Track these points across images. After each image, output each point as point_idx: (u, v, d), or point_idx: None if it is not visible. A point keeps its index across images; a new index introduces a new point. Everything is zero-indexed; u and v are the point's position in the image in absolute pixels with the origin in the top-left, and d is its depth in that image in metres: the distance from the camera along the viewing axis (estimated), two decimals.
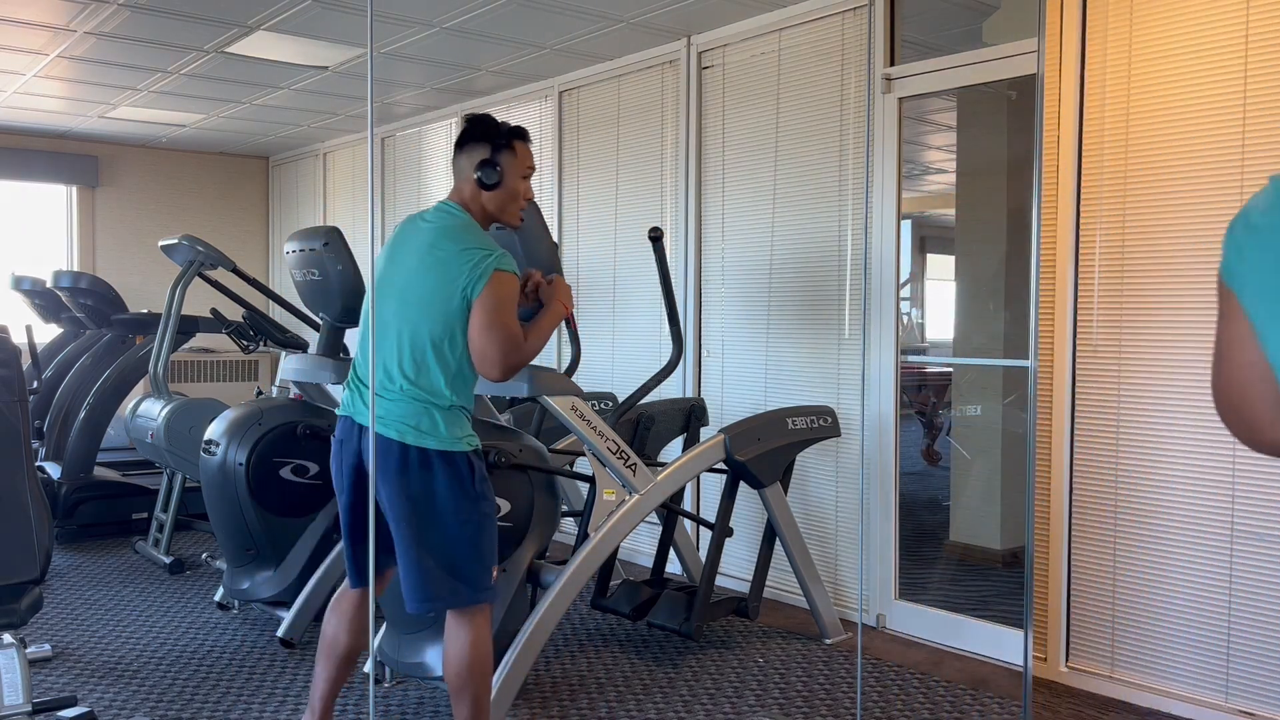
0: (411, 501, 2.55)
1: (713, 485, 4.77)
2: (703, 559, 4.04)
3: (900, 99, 4.16)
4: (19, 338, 5.97)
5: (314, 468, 4.15)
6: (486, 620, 2.67)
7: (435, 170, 6.90)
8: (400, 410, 2.56)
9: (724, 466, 3.87)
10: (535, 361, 3.04)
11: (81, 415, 5.86)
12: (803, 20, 4.50)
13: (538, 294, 2.85)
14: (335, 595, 2.86)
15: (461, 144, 2.73)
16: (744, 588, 4.23)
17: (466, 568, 2.59)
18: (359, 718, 3.28)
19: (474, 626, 2.64)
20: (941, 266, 7.98)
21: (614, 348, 5.49)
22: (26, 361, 4.80)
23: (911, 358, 6.88)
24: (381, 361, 2.60)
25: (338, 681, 2.80)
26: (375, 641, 2.52)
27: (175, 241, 5.07)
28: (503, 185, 2.67)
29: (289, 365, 4.06)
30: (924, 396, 7.29)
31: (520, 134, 2.74)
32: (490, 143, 2.68)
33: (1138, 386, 3.45)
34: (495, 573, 2.66)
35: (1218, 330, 1.16)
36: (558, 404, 3.27)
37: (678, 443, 4.45)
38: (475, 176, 2.67)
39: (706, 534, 4.71)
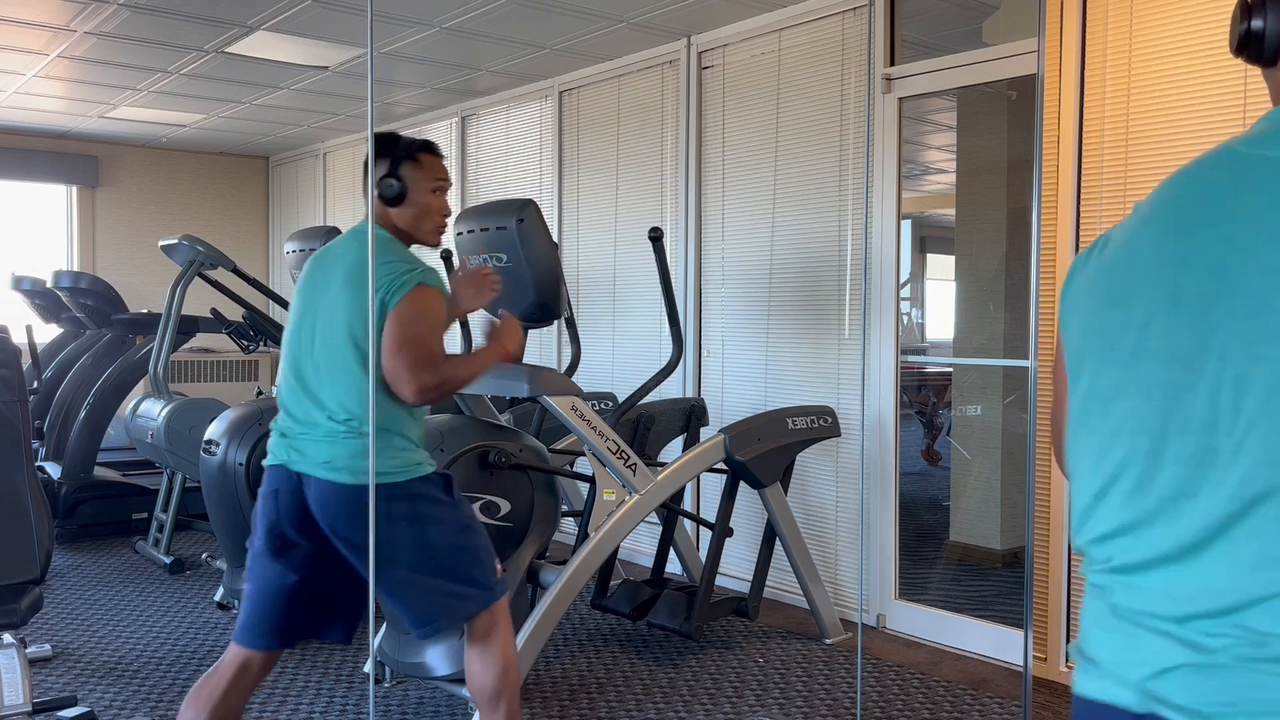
0: (378, 543, 2.29)
1: (713, 485, 4.77)
2: (703, 559, 4.04)
3: (900, 99, 4.16)
4: (19, 338, 5.97)
5: None
6: (506, 621, 2.53)
7: None
8: (337, 449, 2.35)
9: (724, 466, 3.87)
10: (535, 362, 3.04)
11: (81, 415, 5.86)
12: (803, 20, 4.50)
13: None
14: (196, 686, 2.44)
15: (365, 165, 2.55)
16: (744, 588, 4.23)
17: (464, 576, 2.45)
18: (359, 718, 3.28)
19: (494, 633, 2.49)
20: (941, 266, 7.97)
21: (614, 348, 5.49)
22: (26, 361, 4.80)
23: (911, 358, 6.88)
24: (309, 398, 2.40)
25: None
26: (375, 641, 2.49)
27: (175, 241, 5.07)
28: (408, 200, 2.51)
29: None
30: (924, 396, 7.28)
31: (425, 146, 2.59)
32: (390, 156, 2.54)
33: None
34: (499, 568, 2.53)
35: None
36: (558, 404, 3.27)
37: (678, 443, 4.45)
38: (377, 193, 2.52)
39: (706, 534, 4.71)
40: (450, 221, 2.66)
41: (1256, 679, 0.88)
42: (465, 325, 4.43)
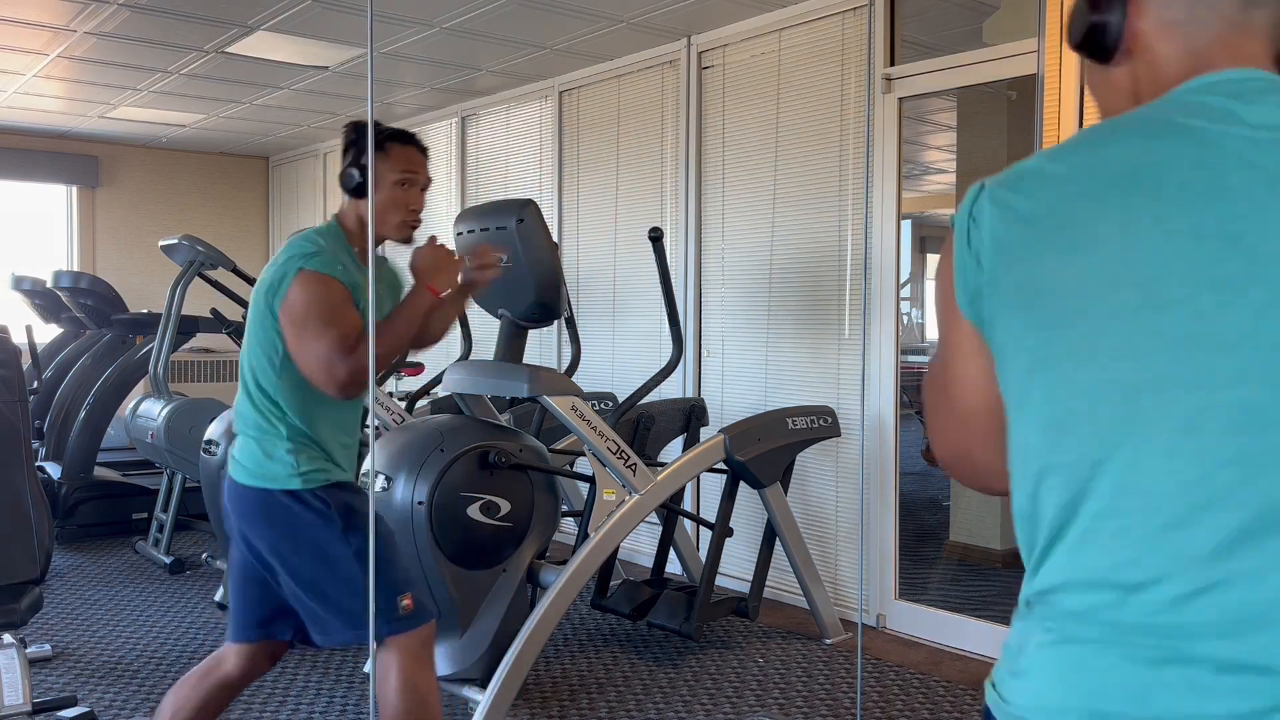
0: (271, 548, 2.29)
1: (713, 485, 4.77)
2: (703, 559, 4.04)
3: (900, 99, 4.16)
4: (19, 338, 5.99)
5: None
6: (417, 653, 2.32)
7: (435, 171, 6.89)
8: (245, 450, 2.32)
9: (724, 466, 3.87)
10: (535, 362, 3.04)
11: (81, 415, 5.86)
12: (803, 20, 4.50)
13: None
14: (180, 680, 2.45)
15: (342, 153, 2.46)
16: (744, 588, 4.23)
17: (348, 598, 2.26)
18: (359, 718, 3.28)
19: (399, 663, 2.30)
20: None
21: (614, 348, 5.49)
22: (26, 361, 4.80)
23: (911, 358, 6.88)
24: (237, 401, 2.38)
25: None
26: (376, 641, 2.48)
27: (175, 241, 5.07)
28: (374, 192, 2.33)
29: None
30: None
31: (396, 136, 2.45)
32: (357, 146, 2.42)
33: None
34: (405, 602, 2.30)
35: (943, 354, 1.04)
36: (558, 404, 3.27)
37: (678, 443, 4.45)
38: (339, 184, 2.41)
39: (706, 534, 4.71)
40: (451, 221, 2.59)
41: None
42: (465, 324, 4.43)
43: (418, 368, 5.42)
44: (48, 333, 7.01)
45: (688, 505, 4.95)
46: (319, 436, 2.33)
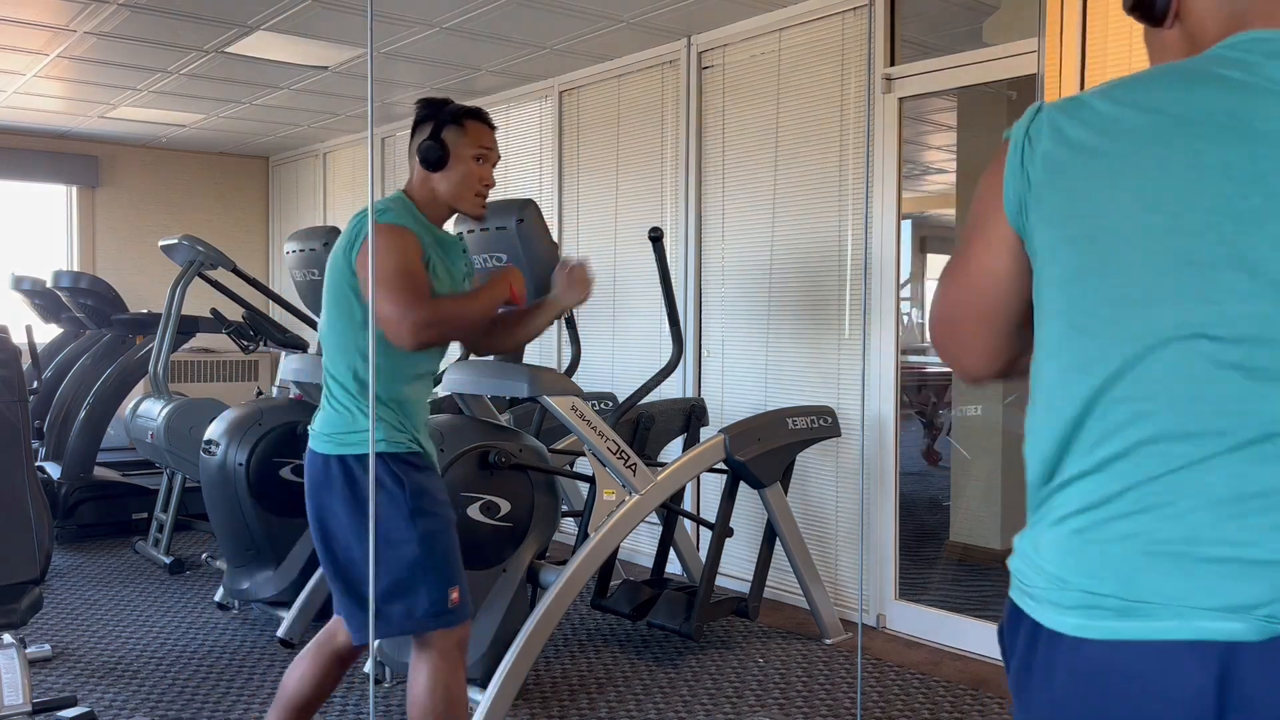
0: (338, 517, 2.31)
1: (713, 485, 4.77)
2: (703, 559, 4.04)
3: (900, 99, 4.16)
4: (19, 338, 5.98)
5: None
6: (452, 654, 2.34)
7: None
8: (324, 419, 2.36)
9: (724, 466, 3.87)
10: (535, 362, 3.04)
11: (81, 415, 5.86)
12: (803, 20, 4.50)
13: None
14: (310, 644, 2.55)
15: (412, 129, 2.51)
16: (744, 588, 4.23)
17: (402, 588, 2.29)
18: (359, 718, 3.28)
19: (432, 662, 2.32)
20: (941, 266, 7.97)
21: (614, 348, 5.49)
22: (26, 361, 4.80)
23: (912, 358, 6.88)
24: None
25: None
26: (375, 641, 2.49)
27: (175, 241, 5.07)
28: (450, 166, 2.42)
29: (289, 365, 4.06)
30: (924, 396, 7.28)
31: (472, 113, 2.49)
32: (435, 119, 2.45)
33: None
34: (454, 595, 2.33)
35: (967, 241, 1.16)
36: (558, 404, 3.27)
37: (678, 443, 4.45)
38: (418, 158, 2.44)
39: (706, 534, 4.71)
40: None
41: None
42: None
43: None
44: (48, 333, 7.01)
45: (688, 505, 4.95)
46: (401, 403, 2.36)
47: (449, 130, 2.44)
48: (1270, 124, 0.97)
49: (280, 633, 3.86)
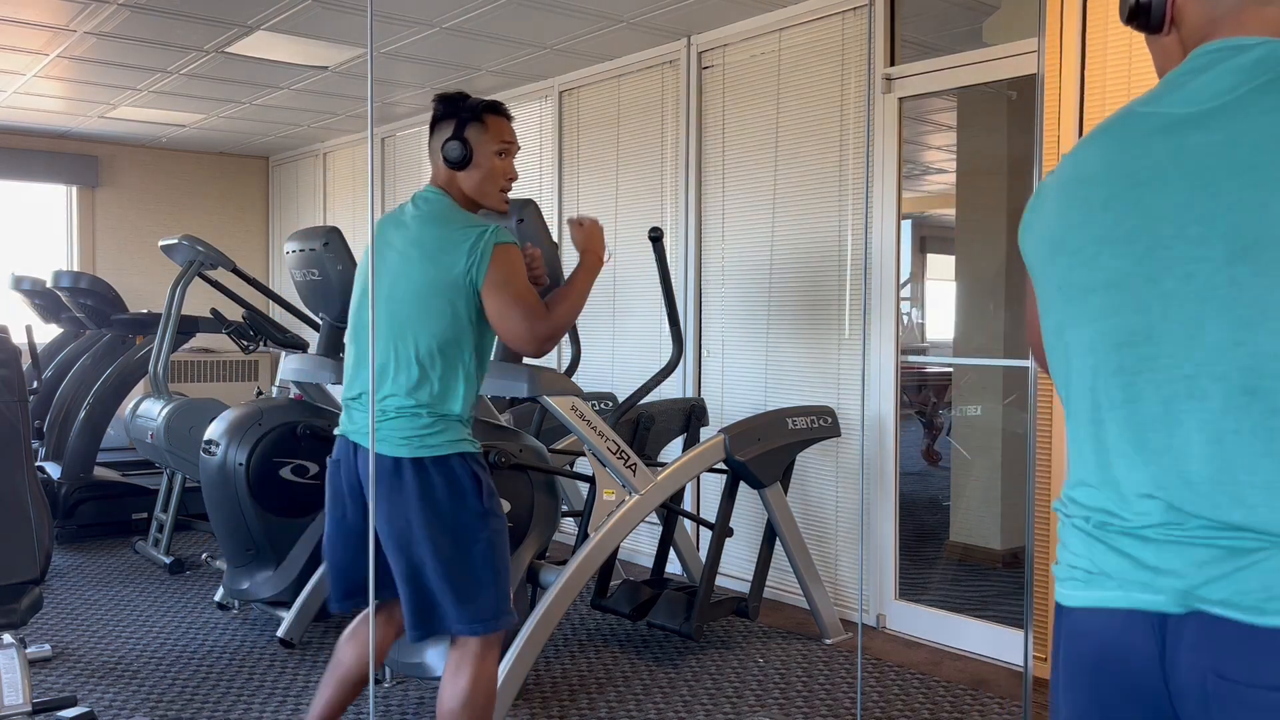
0: (408, 519, 2.32)
1: (713, 485, 4.77)
2: (703, 559, 4.05)
3: (900, 99, 4.16)
4: (19, 338, 5.99)
5: (314, 468, 4.15)
6: (493, 656, 2.40)
7: None
8: (396, 424, 2.34)
9: (724, 466, 3.87)
10: (535, 362, 3.04)
11: (81, 415, 5.86)
12: (803, 20, 4.50)
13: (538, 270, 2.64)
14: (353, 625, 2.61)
15: (432, 126, 2.52)
16: (744, 588, 4.23)
17: (470, 589, 2.33)
18: (359, 718, 3.28)
19: (474, 663, 2.37)
20: (941, 266, 7.97)
21: (614, 348, 5.49)
22: (26, 361, 4.80)
23: (911, 358, 6.87)
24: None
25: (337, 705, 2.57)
26: (374, 642, 2.49)
27: (175, 241, 5.07)
28: (474, 163, 2.45)
29: (289, 365, 4.06)
30: (924, 396, 7.28)
31: (492, 107, 2.51)
32: (456, 118, 2.47)
33: None
34: (513, 598, 2.42)
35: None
36: (558, 404, 3.27)
37: (678, 443, 4.45)
38: (442, 156, 2.46)
39: (706, 534, 4.71)
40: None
41: None
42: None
43: None
44: (48, 333, 7.01)
45: (688, 505, 4.95)
46: (466, 417, 2.41)
47: (471, 128, 2.46)
48: (1147, 162, 1.10)
49: (280, 633, 3.86)
